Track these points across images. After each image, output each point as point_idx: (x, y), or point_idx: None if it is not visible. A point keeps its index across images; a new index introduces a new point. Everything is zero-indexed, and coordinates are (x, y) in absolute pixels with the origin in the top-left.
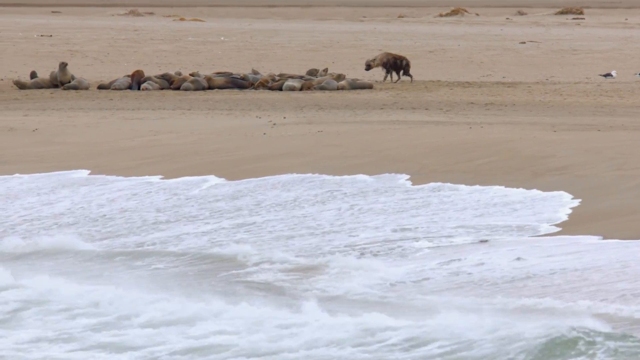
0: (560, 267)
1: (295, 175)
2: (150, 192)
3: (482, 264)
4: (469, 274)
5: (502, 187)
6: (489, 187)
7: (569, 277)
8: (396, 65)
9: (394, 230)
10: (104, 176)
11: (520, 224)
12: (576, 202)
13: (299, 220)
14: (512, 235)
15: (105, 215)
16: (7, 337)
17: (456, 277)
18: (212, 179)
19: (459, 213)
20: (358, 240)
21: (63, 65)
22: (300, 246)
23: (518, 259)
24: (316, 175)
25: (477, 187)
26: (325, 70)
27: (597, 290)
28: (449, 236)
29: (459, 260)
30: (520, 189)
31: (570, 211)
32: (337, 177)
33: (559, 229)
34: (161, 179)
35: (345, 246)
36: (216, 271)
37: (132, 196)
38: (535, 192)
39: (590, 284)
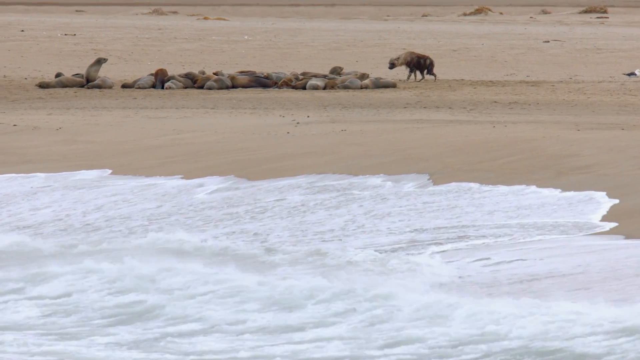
0: None
1: (313, 176)
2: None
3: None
4: None
5: (534, 187)
6: (522, 186)
7: None
8: (420, 64)
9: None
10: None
11: (577, 222)
12: (613, 201)
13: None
14: (571, 234)
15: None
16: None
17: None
18: (209, 182)
19: (502, 213)
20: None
21: (103, 61)
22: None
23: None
24: (336, 175)
25: (516, 187)
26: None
27: None
28: (505, 235)
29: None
30: (558, 190)
31: (606, 211)
32: (360, 177)
33: (615, 224)
34: (181, 178)
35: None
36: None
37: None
38: (571, 193)
39: None
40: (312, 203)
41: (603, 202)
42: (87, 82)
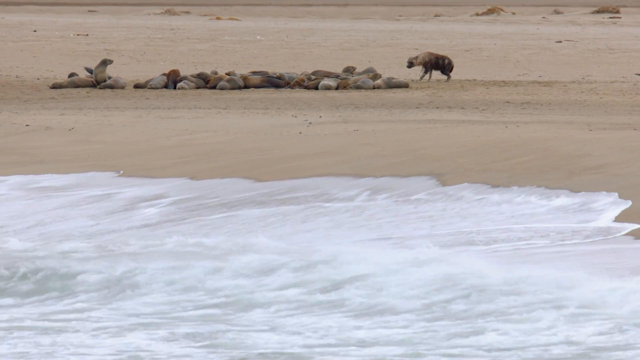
0: None
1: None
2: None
3: None
4: None
5: (543, 188)
6: (532, 188)
7: None
8: (438, 64)
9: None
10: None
11: (599, 227)
12: (626, 202)
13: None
14: (594, 239)
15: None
16: None
17: None
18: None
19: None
20: None
21: (109, 62)
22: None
23: None
24: (350, 178)
25: (528, 188)
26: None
27: None
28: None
29: None
30: (567, 192)
31: (619, 212)
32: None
33: (637, 225)
34: (189, 179)
35: None
36: None
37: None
38: (581, 194)
39: None
40: (272, 219)
41: (614, 203)
42: (97, 83)
